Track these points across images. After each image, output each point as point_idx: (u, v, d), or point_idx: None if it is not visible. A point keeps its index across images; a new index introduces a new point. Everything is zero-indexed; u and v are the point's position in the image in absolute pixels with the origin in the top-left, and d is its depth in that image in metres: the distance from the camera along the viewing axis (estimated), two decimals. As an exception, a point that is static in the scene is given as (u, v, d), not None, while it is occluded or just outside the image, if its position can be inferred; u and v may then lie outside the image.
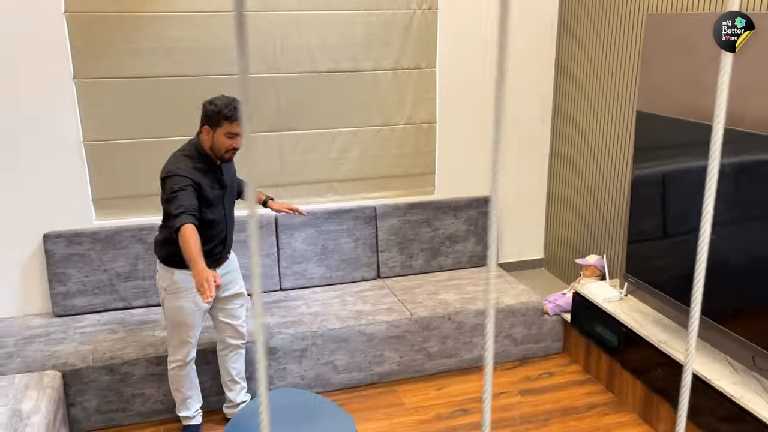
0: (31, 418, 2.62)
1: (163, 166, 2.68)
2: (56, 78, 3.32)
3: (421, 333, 3.52)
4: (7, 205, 3.40)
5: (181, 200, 2.51)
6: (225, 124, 2.61)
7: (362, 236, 3.92)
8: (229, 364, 3.08)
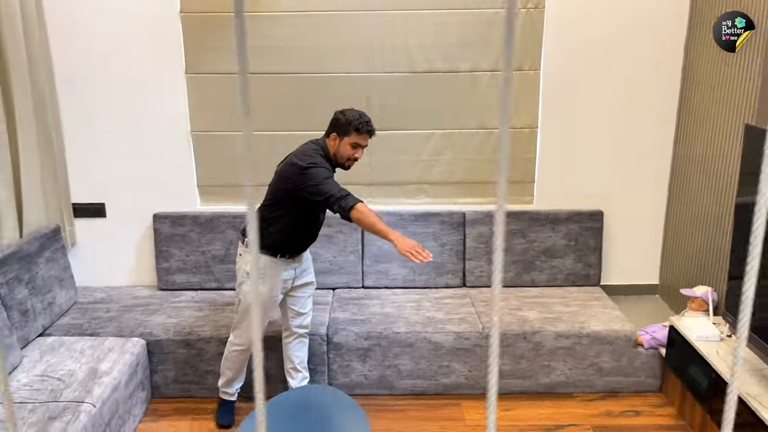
0: (103, 377, 2.91)
1: (298, 157, 2.78)
2: (171, 73, 3.63)
3: (492, 348, 3.34)
4: (126, 187, 3.80)
5: (336, 185, 2.69)
6: (353, 134, 2.75)
7: (449, 242, 3.81)
8: (293, 353, 3.17)
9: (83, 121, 3.70)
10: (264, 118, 3.70)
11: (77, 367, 2.99)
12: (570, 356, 3.36)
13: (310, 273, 3.11)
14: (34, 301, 3.27)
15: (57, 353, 3.12)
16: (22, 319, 3.17)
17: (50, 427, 2.53)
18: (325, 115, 3.65)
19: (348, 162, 2.82)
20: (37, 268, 3.34)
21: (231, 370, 3.09)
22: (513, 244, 3.81)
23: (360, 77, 3.65)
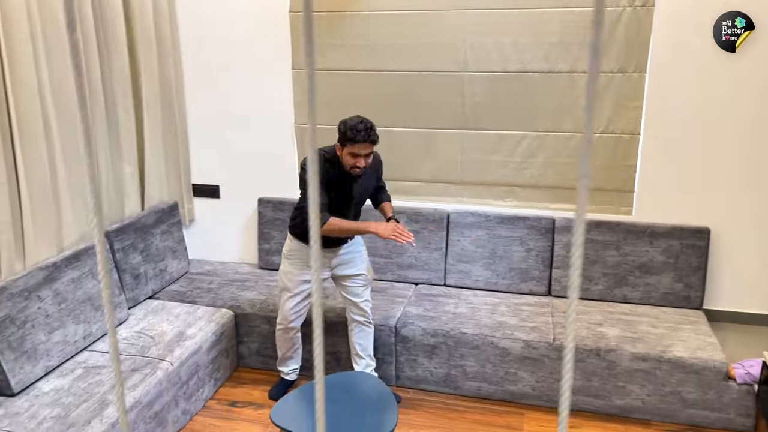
0: (186, 341, 3.24)
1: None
2: (279, 68, 3.90)
3: (560, 362, 3.21)
4: (238, 172, 4.15)
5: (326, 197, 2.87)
6: (349, 144, 2.78)
7: (536, 248, 3.70)
8: (355, 340, 3.30)
9: (205, 111, 4.10)
10: (359, 114, 3.84)
11: (169, 329, 3.35)
12: (648, 381, 3.13)
13: (355, 266, 3.18)
14: (146, 267, 3.71)
15: (157, 315, 3.51)
16: (134, 282, 3.61)
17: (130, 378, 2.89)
18: (419, 112, 3.72)
19: (352, 170, 2.83)
20: (152, 239, 3.78)
21: (278, 348, 3.30)
22: (605, 255, 3.60)
23: (454, 75, 3.65)
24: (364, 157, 2.81)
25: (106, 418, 2.61)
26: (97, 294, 3.23)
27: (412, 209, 3.84)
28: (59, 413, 2.62)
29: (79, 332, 3.10)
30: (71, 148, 3.22)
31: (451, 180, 3.84)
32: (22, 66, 2.86)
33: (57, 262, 3.05)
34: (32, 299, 2.88)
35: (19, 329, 2.79)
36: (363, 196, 3.08)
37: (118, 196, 3.64)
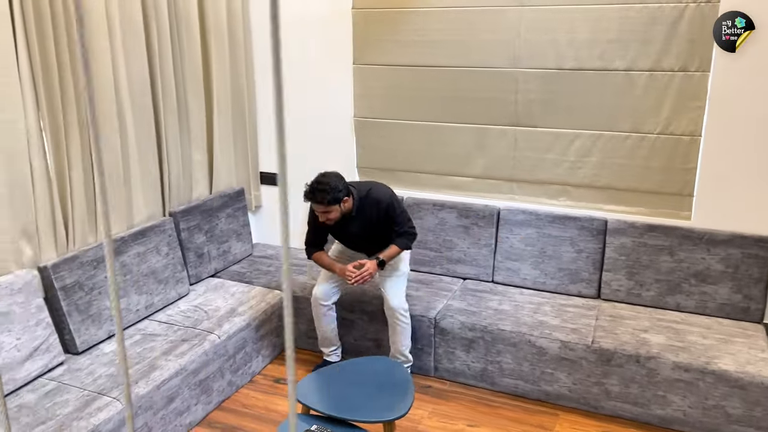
0: (235, 318, 3.46)
1: None
2: (341, 63, 4.05)
3: (598, 365, 3.15)
4: (301, 162, 4.35)
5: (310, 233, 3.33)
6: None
7: (586, 249, 3.63)
8: (390, 336, 3.39)
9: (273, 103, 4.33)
10: (415, 108, 3.92)
11: (223, 305, 3.59)
12: (690, 392, 3.01)
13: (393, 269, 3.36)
14: (210, 247, 3.99)
15: (215, 292, 3.77)
16: (197, 260, 3.89)
17: (182, 344, 3.14)
18: (473, 107, 3.75)
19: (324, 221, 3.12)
20: (218, 221, 4.05)
21: (316, 327, 3.47)
22: (658, 261, 3.48)
23: (508, 72, 3.65)
24: (321, 213, 3.06)
25: (151, 380, 2.86)
26: (160, 268, 3.52)
27: (463, 204, 3.87)
28: (113, 372, 2.90)
29: (141, 302, 3.40)
30: (143, 137, 3.52)
31: (503, 177, 3.84)
32: (99, 61, 3.17)
33: (125, 237, 3.35)
34: (100, 269, 3.19)
35: (86, 295, 3.10)
36: (366, 231, 3.25)
37: (186, 180, 3.93)
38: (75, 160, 3.10)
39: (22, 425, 2.51)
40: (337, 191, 3.00)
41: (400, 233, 3.25)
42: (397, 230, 3.25)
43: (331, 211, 3.03)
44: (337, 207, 3.04)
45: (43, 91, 2.91)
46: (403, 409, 2.51)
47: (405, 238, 3.27)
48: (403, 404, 2.54)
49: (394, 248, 3.25)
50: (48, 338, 2.90)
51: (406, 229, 3.27)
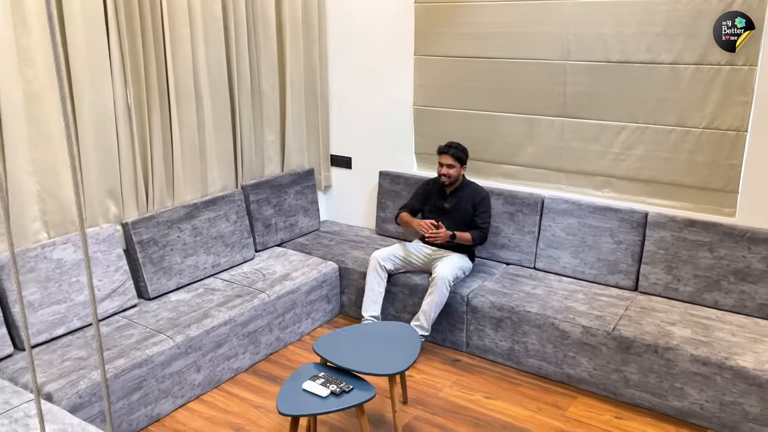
0: (287, 282, 3.85)
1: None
2: (403, 54, 4.32)
3: (617, 353, 3.22)
4: (366, 146, 4.67)
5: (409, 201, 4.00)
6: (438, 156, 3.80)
7: (626, 241, 3.66)
8: (425, 298, 3.63)
9: (344, 90, 4.68)
10: (469, 98, 4.11)
11: (280, 270, 4.00)
12: (708, 386, 3.01)
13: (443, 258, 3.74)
14: (277, 219, 4.42)
15: (277, 259, 4.19)
16: (265, 230, 4.33)
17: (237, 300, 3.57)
18: (522, 98, 3.89)
19: (441, 178, 3.75)
20: (286, 197, 4.47)
21: (365, 288, 3.79)
22: (697, 256, 3.45)
23: (557, 64, 3.75)
24: (446, 165, 3.72)
25: (202, 326, 3.31)
26: (228, 234, 3.99)
27: (509, 192, 4.02)
28: (173, 316, 3.38)
29: (209, 262, 3.88)
30: (219, 118, 3.98)
31: (550, 167, 3.94)
32: (181, 47, 3.66)
33: (198, 203, 3.84)
34: (174, 229, 3.70)
35: (160, 250, 3.62)
36: (457, 213, 3.78)
37: (258, 158, 4.37)
38: (156, 133, 3.61)
39: (92, 349, 3.03)
40: (464, 154, 3.74)
41: (478, 227, 3.73)
42: (478, 223, 3.74)
43: (453, 167, 3.72)
44: (458, 166, 3.72)
45: (130, 71, 3.42)
46: (402, 367, 2.76)
47: (480, 233, 3.72)
48: (404, 363, 2.79)
49: (467, 235, 3.70)
50: (124, 283, 3.43)
51: (485, 228, 3.75)
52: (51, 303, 3.11)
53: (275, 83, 4.36)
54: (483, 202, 3.76)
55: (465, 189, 3.80)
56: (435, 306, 3.60)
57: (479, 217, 3.74)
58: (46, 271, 3.11)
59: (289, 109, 4.47)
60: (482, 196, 3.78)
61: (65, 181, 3.25)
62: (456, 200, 3.78)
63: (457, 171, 3.73)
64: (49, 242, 3.15)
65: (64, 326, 3.15)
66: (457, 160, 3.71)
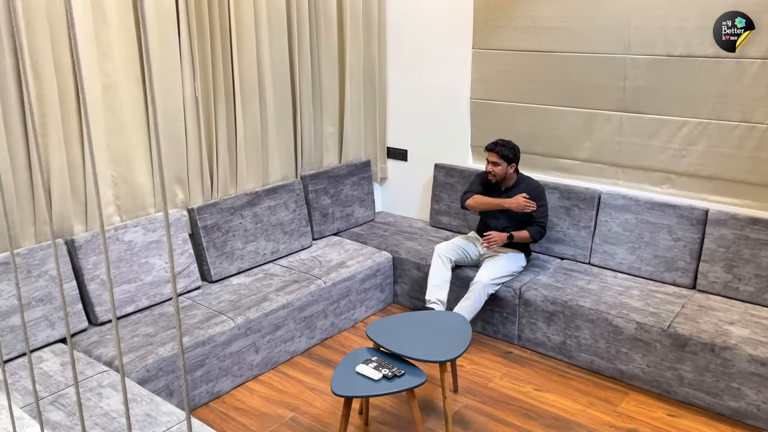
0: (342, 269, 3.96)
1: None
2: (462, 48, 4.35)
3: (672, 350, 3.18)
4: (422, 138, 4.73)
5: (471, 185, 3.93)
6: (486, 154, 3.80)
7: (684, 238, 3.60)
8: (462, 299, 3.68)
9: (402, 83, 4.75)
10: (527, 92, 4.11)
11: (336, 258, 4.11)
12: (766, 387, 2.95)
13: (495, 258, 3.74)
14: (334, 209, 4.53)
15: (333, 247, 4.31)
16: (322, 219, 4.46)
17: (292, 285, 3.70)
18: (580, 92, 3.87)
19: (489, 176, 3.73)
20: (343, 187, 4.58)
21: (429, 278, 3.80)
22: (760, 255, 3.37)
23: (616, 58, 3.71)
24: (491, 162, 3.68)
25: (261, 309, 3.45)
26: (287, 221, 4.13)
27: (565, 186, 4.01)
28: (234, 299, 3.54)
29: (268, 248, 4.03)
30: (281, 110, 4.12)
31: (607, 161, 3.91)
32: (246, 42, 3.80)
33: (259, 192, 3.99)
34: (236, 216, 3.85)
35: (223, 235, 3.78)
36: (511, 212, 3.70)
37: (317, 149, 4.50)
38: (221, 124, 3.77)
39: (159, 327, 3.21)
40: (510, 152, 3.66)
41: (536, 222, 3.71)
42: (536, 218, 3.71)
43: (499, 164, 3.66)
44: (504, 164, 3.66)
45: (199, 65, 3.59)
46: (453, 354, 2.82)
47: (539, 228, 3.71)
48: (455, 351, 2.85)
49: (525, 233, 3.70)
50: (189, 266, 3.61)
51: (543, 222, 3.73)
52: (122, 282, 3.30)
53: (335, 75, 4.46)
54: (539, 197, 3.74)
55: (520, 185, 3.76)
56: (469, 312, 3.62)
57: (536, 211, 3.72)
58: (118, 252, 3.31)
59: (347, 101, 4.58)
60: (538, 191, 3.75)
61: (138, 168, 3.44)
62: (512, 195, 3.76)
63: (503, 169, 3.67)
64: (122, 225, 3.35)
65: (134, 304, 3.35)
66: (503, 158, 3.64)
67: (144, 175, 3.50)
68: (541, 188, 3.79)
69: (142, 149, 3.46)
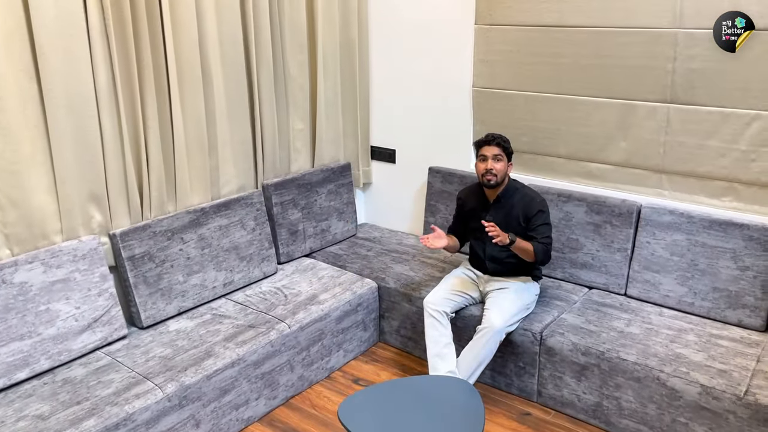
0: (313, 306, 3.11)
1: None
2: (462, 23, 3.49)
3: (753, 425, 2.37)
4: (413, 137, 3.88)
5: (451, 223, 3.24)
6: (478, 151, 2.94)
7: (755, 266, 2.78)
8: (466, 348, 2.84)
9: (389, 67, 3.88)
10: (544, 78, 3.27)
11: (306, 290, 3.26)
12: None
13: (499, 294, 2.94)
14: (305, 225, 3.68)
15: (303, 274, 3.46)
16: (290, 238, 3.60)
17: (246, 332, 2.85)
18: (614, 78, 3.05)
19: (484, 177, 2.90)
20: (316, 197, 3.72)
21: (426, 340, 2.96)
22: None
23: (663, 33, 2.87)
24: (493, 157, 2.87)
25: (202, 370, 2.60)
26: (244, 244, 3.27)
27: (594, 197, 3.18)
28: (167, 354, 2.69)
29: (219, 279, 3.17)
30: (234, 102, 3.25)
31: (649, 166, 3.08)
32: (183, 14, 2.92)
33: (206, 208, 3.13)
34: (175, 240, 2.99)
35: (157, 266, 2.92)
36: (504, 227, 2.88)
37: (283, 151, 3.63)
38: (151, 121, 2.90)
39: (58, 402, 2.36)
40: (510, 145, 2.94)
41: (540, 241, 2.84)
42: (538, 238, 2.84)
43: (501, 159, 2.90)
44: (505, 160, 2.91)
45: (116, 43, 2.70)
46: (464, 453, 2.00)
47: (543, 247, 2.83)
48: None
49: (529, 245, 2.81)
50: (110, 310, 2.75)
51: (547, 242, 2.85)
52: (11, 339, 2.45)
53: (304, 61, 3.59)
54: (540, 215, 2.87)
55: (513, 195, 2.94)
56: (480, 362, 2.80)
57: (536, 230, 2.85)
58: (5, 298, 2.45)
59: (321, 92, 3.70)
60: (536, 203, 2.89)
61: (32, 184, 2.57)
62: (502, 211, 2.93)
63: (505, 167, 2.88)
64: (10, 261, 2.48)
65: (28, 368, 2.49)
66: (504, 152, 2.87)
67: (44, 192, 2.62)
68: (541, 200, 2.93)
69: (39, 158, 2.58)
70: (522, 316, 2.91)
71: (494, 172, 2.85)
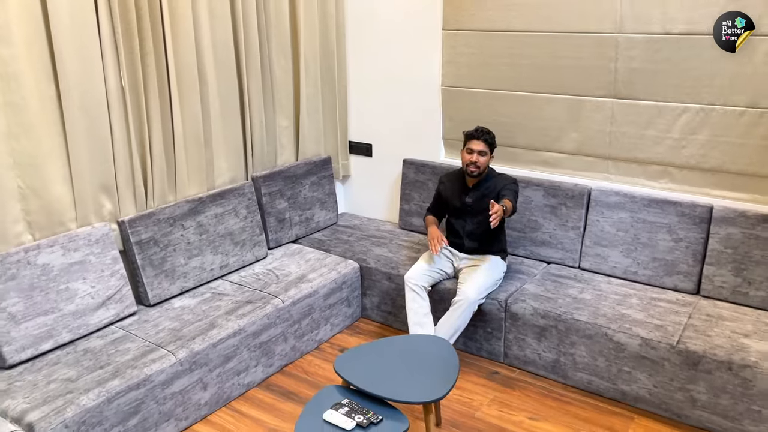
0: (303, 284, 3.45)
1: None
2: (430, 28, 3.87)
3: (683, 369, 2.79)
4: (388, 132, 4.25)
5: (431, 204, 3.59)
6: (466, 141, 3.27)
7: (686, 238, 3.22)
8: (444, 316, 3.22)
9: (365, 71, 4.24)
10: (506, 77, 3.66)
11: (295, 271, 3.61)
12: (793, 411, 2.58)
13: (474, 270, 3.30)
14: (291, 213, 4.01)
15: (291, 257, 3.80)
16: (278, 225, 3.94)
17: (244, 307, 3.19)
18: (565, 76, 3.44)
19: (468, 167, 3.24)
20: (301, 188, 4.07)
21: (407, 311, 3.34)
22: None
23: (607, 37, 3.29)
24: (477, 151, 3.20)
25: (208, 338, 2.93)
26: (237, 231, 3.60)
27: (550, 182, 3.58)
28: (176, 327, 3.00)
29: (216, 262, 3.49)
30: (226, 101, 3.57)
31: (597, 154, 3.50)
32: (181, 22, 3.24)
33: (203, 198, 3.45)
34: (176, 227, 3.31)
35: (161, 250, 3.23)
36: (481, 206, 3.29)
37: (271, 146, 3.96)
38: (155, 120, 3.21)
39: (83, 368, 2.66)
40: (493, 140, 3.26)
41: (509, 197, 3.16)
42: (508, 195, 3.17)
43: (485, 154, 3.23)
44: (488, 153, 3.24)
45: (124, 49, 3.01)
46: (440, 392, 2.37)
47: (514, 194, 3.20)
48: (442, 387, 2.39)
49: (508, 201, 3.11)
50: (121, 289, 3.05)
51: (515, 188, 3.25)
52: (36, 314, 2.74)
53: (288, 63, 3.93)
54: (510, 185, 3.24)
55: (490, 180, 3.31)
56: (456, 330, 3.19)
57: (504, 189, 3.22)
58: (30, 278, 2.74)
59: (303, 92, 4.05)
60: (510, 181, 3.27)
61: (51, 176, 2.87)
62: (479, 193, 3.30)
63: (488, 160, 3.24)
64: (33, 245, 2.77)
65: (52, 340, 2.79)
66: (489, 147, 3.22)
67: (61, 184, 2.92)
68: (514, 179, 3.30)
69: (57, 153, 2.88)
70: (492, 289, 3.29)
71: (478, 165, 3.21)
